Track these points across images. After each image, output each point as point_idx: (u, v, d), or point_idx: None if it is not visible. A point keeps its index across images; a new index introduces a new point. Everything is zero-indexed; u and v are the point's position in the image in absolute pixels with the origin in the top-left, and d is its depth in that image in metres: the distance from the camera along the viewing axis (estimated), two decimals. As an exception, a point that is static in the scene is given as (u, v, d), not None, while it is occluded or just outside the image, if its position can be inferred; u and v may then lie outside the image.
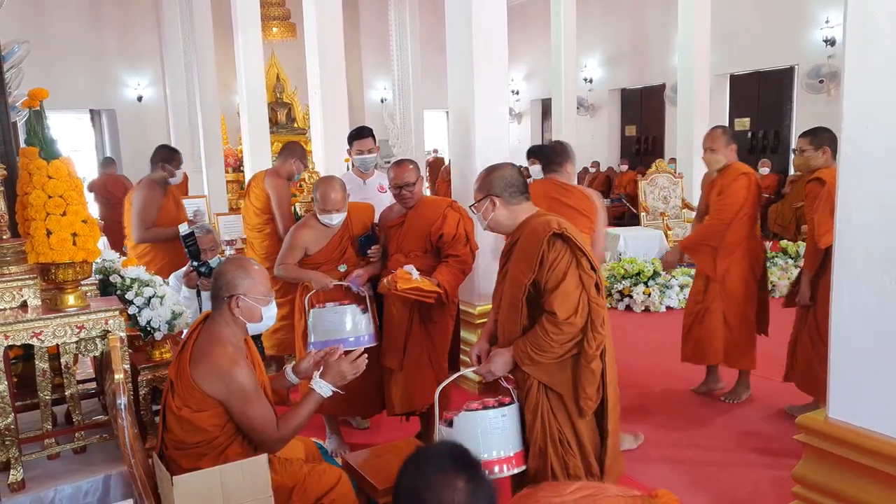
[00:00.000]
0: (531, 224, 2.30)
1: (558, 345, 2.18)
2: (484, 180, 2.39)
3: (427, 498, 1.23)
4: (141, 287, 2.62)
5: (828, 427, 2.32)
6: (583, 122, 13.62)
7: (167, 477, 1.98)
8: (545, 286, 2.19)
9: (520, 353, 2.24)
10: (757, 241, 4.05)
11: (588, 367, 2.20)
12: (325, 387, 2.26)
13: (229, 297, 2.16)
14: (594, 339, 2.19)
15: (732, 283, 3.97)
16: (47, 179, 2.27)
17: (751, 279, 4.00)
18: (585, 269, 2.20)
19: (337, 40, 7.02)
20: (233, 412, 2.12)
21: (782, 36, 10.91)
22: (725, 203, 3.89)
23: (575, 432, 2.29)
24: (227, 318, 2.18)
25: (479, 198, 2.38)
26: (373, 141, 4.17)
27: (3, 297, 2.39)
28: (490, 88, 4.26)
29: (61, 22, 11.87)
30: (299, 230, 3.45)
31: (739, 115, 12.14)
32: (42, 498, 2.40)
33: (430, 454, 1.32)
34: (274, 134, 9.55)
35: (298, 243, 3.41)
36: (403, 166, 3.39)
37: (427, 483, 1.24)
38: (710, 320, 4.02)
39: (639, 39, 13.62)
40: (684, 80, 8.24)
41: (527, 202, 2.40)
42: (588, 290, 2.18)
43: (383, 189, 4.09)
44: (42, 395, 2.56)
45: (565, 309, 2.15)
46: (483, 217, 2.39)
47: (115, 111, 12.91)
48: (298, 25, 9.31)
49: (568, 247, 2.20)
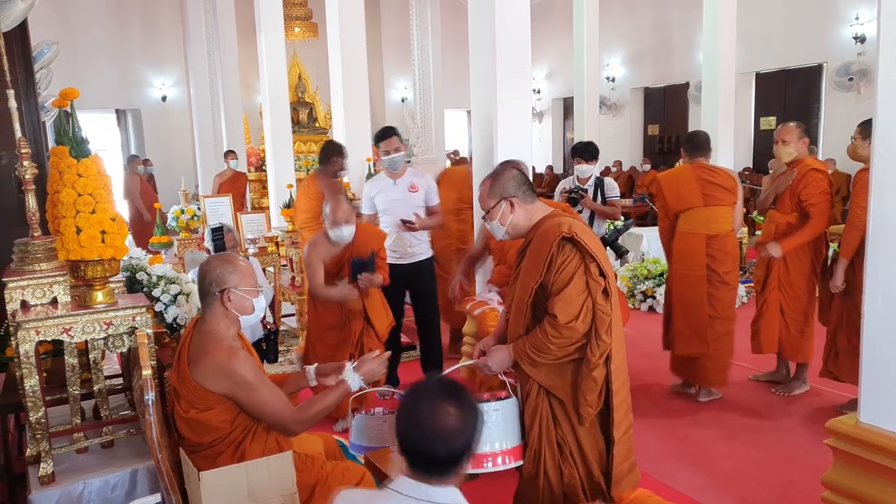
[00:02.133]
0: (543, 225, 2.24)
1: (557, 347, 2.13)
2: (494, 185, 2.31)
3: (425, 427, 1.42)
4: (167, 284, 2.65)
5: (858, 431, 2.28)
6: (605, 122, 13.52)
7: (194, 472, 1.99)
8: (551, 288, 2.15)
9: (519, 351, 2.22)
10: (821, 237, 4.08)
11: (590, 375, 2.14)
12: (356, 380, 2.28)
13: (220, 292, 2.17)
14: (598, 346, 2.12)
15: (793, 275, 4.08)
16: (77, 178, 2.30)
17: (811, 273, 4.10)
18: (593, 275, 2.13)
19: (359, 40, 7.05)
20: (242, 403, 2.13)
21: (810, 33, 10.74)
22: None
23: (576, 439, 2.22)
24: (218, 314, 2.19)
25: (493, 203, 2.29)
26: (398, 139, 4.17)
27: (35, 293, 2.43)
28: (513, 87, 4.24)
29: (89, 24, 12.07)
30: (313, 248, 3.64)
31: (765, 114, 11.97)
32: (71, 491, 2.44)
33: (421, 390, 1.50)
34: (296, 134, 9.61)
35: (316, 260, 3.59)
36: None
37: (423, 415, 1.43)
38: (768, 311, 4.16)
39: (662, 37, 13.49)
40: (709, 78, 8.13)
41: (538, 202, 2.34)
42: (594, 296, 2.12)
43: (415, 188, 4.10)
44: (71, 389, 2.60)
45: (567, 313, 2.10)
46: (500, 223, 2.29)
47: (140, 111, 13.11)
48: (320, 25, 9.36)
49: (577, 251, 2.14)
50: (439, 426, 1.42)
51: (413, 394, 1.49)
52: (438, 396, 1.46)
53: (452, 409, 1.44)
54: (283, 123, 7.98)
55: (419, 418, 1.43)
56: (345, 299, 3.46)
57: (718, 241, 4.02)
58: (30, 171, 2.43)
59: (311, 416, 2.21)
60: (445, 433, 1.42)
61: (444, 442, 1.41)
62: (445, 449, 1.42)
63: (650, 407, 4.09)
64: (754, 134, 12.16)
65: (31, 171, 2.44)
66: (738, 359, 4.78)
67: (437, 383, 1.52)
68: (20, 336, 2.30)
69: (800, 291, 4.09)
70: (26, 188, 2.47)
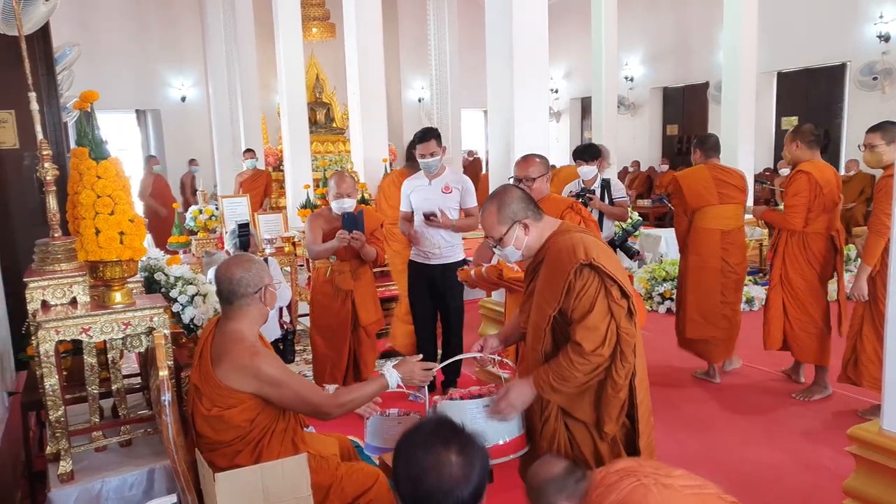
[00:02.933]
0: (557, 245, 2.14)
1: (583, 374, 2.05)
2: (502, 209, 2.17)
3: (427, 483, 1.27)
4: (185, 285, 2.67)
5: (881, 439, 2.23)
6: (623, 121, 13.41)
7: (209, 473, 2.00)
8: (571, 315, 2.06)
9: (540, 383, 2.11)
10: (821, 238, 4.11)
11: (616, 397, 2.08)
12: (394, 377, 2.29)
13: (259, 291, 2.21)
14: (623, 367, 2.05)
15: (791, 273, 4.18)
16: (96, 179, 2.33)
17: (810, 273, 4.14)
18: (615, 299, 2.03)
19: (376, 40, 7.07)
20: (273, 399, 2.15)
21: (833, 32, 10.57)
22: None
23: (598, 458, 2.15)
24: (252, 313, 2.22)
25: (506, 230, 2.16)
26: (436, 143, 4.10)
27: (55, 293, 2.46)
28: (530, 87, 4.22)
29: (109, 25, 12.21)
30: (314, 219, 4.03)
31: (787, 114, 11.80)
32: (90, 489, 2.47)
33: (417, 439, 1.34)
34: (313, 134, 9.65)
35: (315, 229, 3.95)
36: (528, 160, 3.47)
37: (424, 468, 1.28)
38: (770, 308, 4.28)
39: (682, 36, 13.36)
40: (729, 77, 8.04)
41: (546, 217, 2.24)
42: (618, 320, 2.03)
43: (448, 189, 4.11)
44: (90, 389, 2.63)
45: (592, 340, 2.01)
46: (516, 247, 2.18)
47: (159, 111, 13.24)
48: (338, 25, 9.38)
49: (597, 275, 2.03)
50: (443, 480, 1.28)
51: (409, 443, 1.34)
52: (437, 444, 1.31)
53: (454, 456, 1.30)
54: (300, 124, 8.03)
55: (419, 474, 1.29)
56: (336, 247, 3.78)
57: (731, 236, 4.39)
58: (51, 173, 2.46)
59: (347, 402, 2.25)
60: (450, 486, 1.28)
61: (450, 494, 1.28)
62: (452, 501, 1.28)
63: (668, 411, 4.05)
64: (775, 134, 12.00)
65: (51, 172, 2.47)
66: (757, 362, 4.75)
67: (433, 428, 1.37)
68: (40, 335, 2.33)
69: (798, 290, 4.17)
70: (47, 189, 2.50)
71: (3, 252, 3.87)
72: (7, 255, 3.90)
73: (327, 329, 4.06)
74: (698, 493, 1.58)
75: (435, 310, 4.34)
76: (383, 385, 2.29)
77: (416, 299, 4.32)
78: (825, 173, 4.08)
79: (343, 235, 3.72)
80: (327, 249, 3.86)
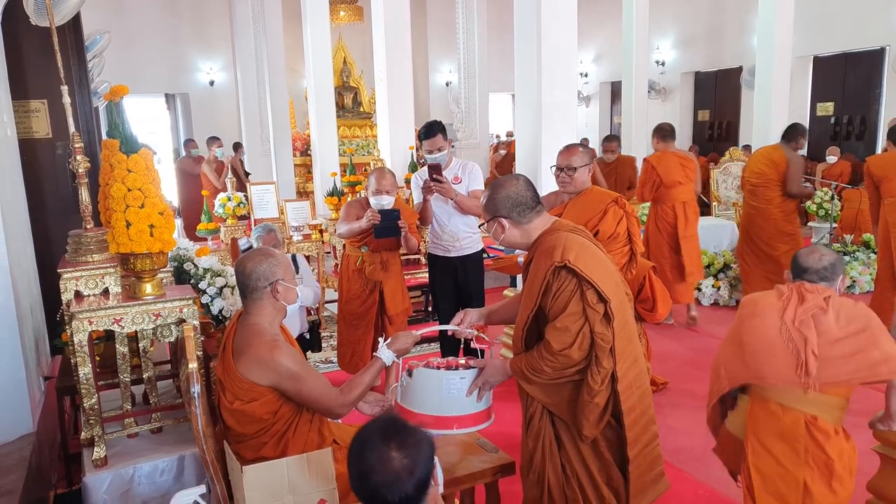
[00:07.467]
0: (544, 244, 2.16)
1: (551, 370, 2.09)
2: (489, 201, 2.21)
3: (375, 479, 1.38)
4: (213, 277, 2.70)
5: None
6: (654, 107, 13.17)
7: (237, 466, 2.04)
8: (548, 313, 2.11)
9: (515, 368, 2.19)
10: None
11: (592, 402, 2.08)
12: (389, 355, 2.36)
13: (271, 285, 2.22)
14: (598, 373, 2.05)
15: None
16: (127, 173, 2.36)
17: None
18: (590, 303, 2.04)
19: (403, 23, 7.01)
20: (289, 393, 2.18)
21: (872, 15, 10.22)
22: None
23: (583, 462, 2.17)
24: (266, 307, 2.24)
25: (487, 219, 2.24)
26: (443, 138, 4.03)
27: (88, 283, 2.51)
28: (559, 71, 4.14)
29: (139, 11, 12.31)
30: (350, 206, 4.12)
31: (822, 100, 11.49)
32: (122, 474, 2.54)
33: (362, 439, 1.45)
34: (340, 118, 9.66)
35: (350, 214, 4.03)
36: (572, 150, 3.41)
37: (369, 466, 1.39)
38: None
39: (714, 20, 13.04)
40: (763, 62, 7.83)
41: (539, 217, 2.21)
42: (592, 324, 2.04)
43: (458, 180, 4.09)
44: (122, 377, 2.69)
45: (560, 341, 2.05)
46: (494, 237, 2.26)
47: (188, 95, 13.36)
48: (366, 8, 9.33)
49: (574, 277, 2.05)
50: (386, 474, 1.38)
51: (358, 444, 1.44)
52: (379, 442, 1.41)
53: (395, 452, 1.39)
54: (327, 108, 8.03)
55: (366, 470, 1.39)
56: (363, 228, 3.85)
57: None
58: (83, 166, 2.50)
59: (355, 398, 2.31)
60: (392, 479, 1.38)
61: (392, 488, 1.38)
62: (397, 495, 1.38)
63: (694, 404, 4.01)
64: (810, 120, 11.69)
65: (83, 164, 2.51)
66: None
67: (377, 427, 1.46)
68: (74, 326, 2.38)
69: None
70: (80, 182, 2.54)
71: (38, 239, 3.96)
72: (41, 242, 3.99)
73: (353, 316, 4.13)
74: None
75: (458, 302, 4.34)
76: (380, 366, 2.37)
77: (440, 292, 4.30)
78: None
79: (376, 217, 3.78)
80: (352, 230, 3.94)
